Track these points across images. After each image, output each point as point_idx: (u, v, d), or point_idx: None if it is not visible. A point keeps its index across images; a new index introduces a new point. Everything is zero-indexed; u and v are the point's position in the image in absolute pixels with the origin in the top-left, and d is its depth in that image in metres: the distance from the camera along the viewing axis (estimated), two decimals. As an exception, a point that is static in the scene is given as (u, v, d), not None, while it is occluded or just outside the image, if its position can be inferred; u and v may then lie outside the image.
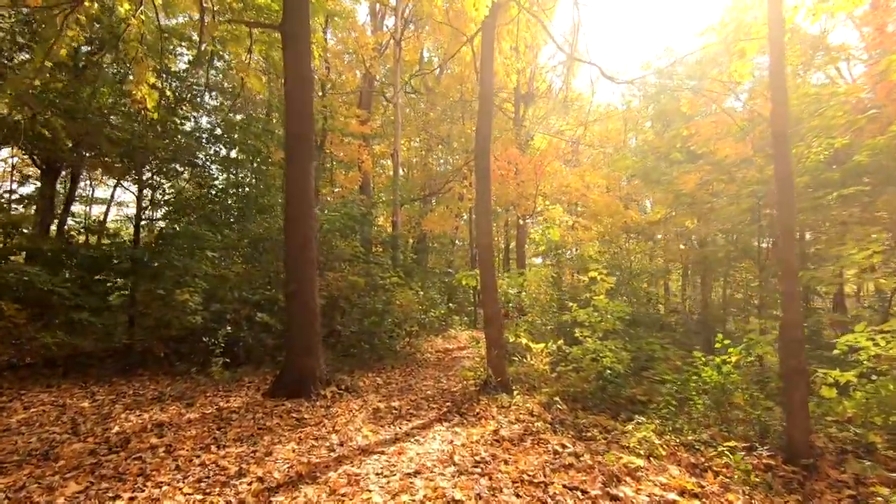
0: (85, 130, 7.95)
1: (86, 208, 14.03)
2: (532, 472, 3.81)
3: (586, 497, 3.42)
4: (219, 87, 11.56)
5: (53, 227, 10.18)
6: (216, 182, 10.76)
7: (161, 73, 8.48)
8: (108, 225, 12.06)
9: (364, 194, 15.37)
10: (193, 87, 9.89)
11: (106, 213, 13.83)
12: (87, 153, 8.92)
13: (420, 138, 21.63)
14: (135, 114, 8.41)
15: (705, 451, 4.49)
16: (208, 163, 10.28)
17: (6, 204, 9.19)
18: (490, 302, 7.41)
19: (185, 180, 10.34)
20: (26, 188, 9.77)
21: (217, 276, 8.91)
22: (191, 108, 10.04)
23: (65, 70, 8.68)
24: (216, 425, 4.89)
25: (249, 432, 4.69)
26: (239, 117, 11.88)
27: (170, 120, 9.07)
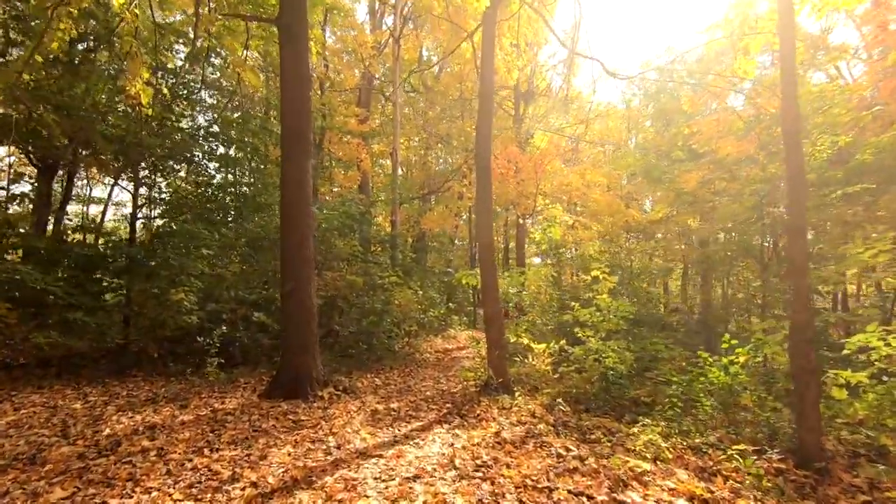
0: (79, 126, 7.82)
1: (83, 208, 13.85)
2: (536, 476, 3.68)
3: (592, 503, 3.30)
4: (216, 85, 11.41)
5: (51, 227, 10.02)
6: (213, 180, 10.63)
7: (157, 69, 8.34)
8: (106, 225, 11.90)
9: (363, 193, 15.25)
10: (190, 83, 9.75)
11: (103, 212, 13.64)
12: (82, 150, 8.79)
13: (419, 137, 21.51)
14: (130, 110, 8.28)
15: (713, 454, 4.36)
16: (205, 160, 10.14)
17: (2, 202, 9.06)
18: (491, 301, 7.29)
19: (181, 178, 10.21)
20: (20, 186, 9.59)
21: (214, 276, 8.80)
22: (187, 106, 9.91)
23: (59, 66, 8.55)
24: (210, 427, 4.77)
25: (244, 435, 4.56)
26: (236, 115, 11.74)
27: (166, 117, 8.95)
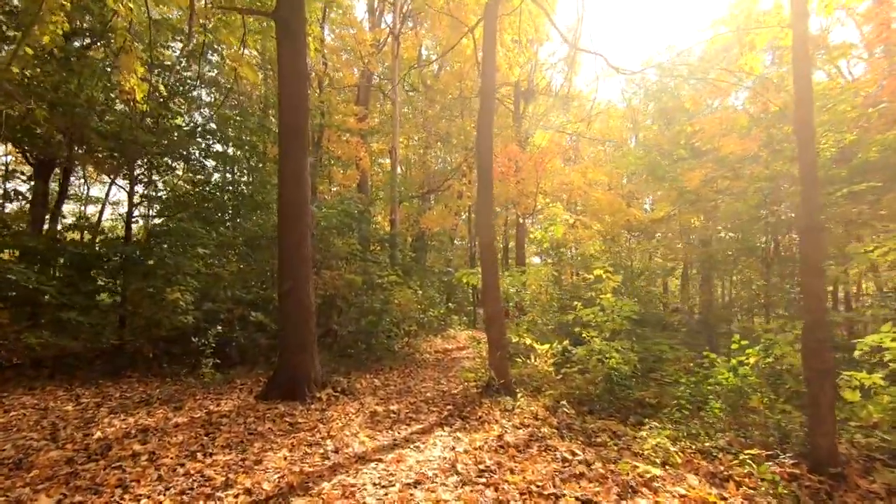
0: (72, 122, 7.67)
1: (80, 207, 13.69)
2: (541, 482, 3.55)
3: (601, 510, 3.17)
4: (213, 83, 11.25)
5: (47, 226, 9.85)
6: (211, 178, 10.48)
7: (153, 66, 8.18)
8: (103, 224, 11.73)
9: (362, 192, 15.09)
10: (187, 80, 9.60)
11: (101, 211, 13.49)
12: (77, 148, 8.63)
13: (419, 135, 21.36)
14: (126, 107, 8.13)
15: (724, 458, 4.23)
16: (202, 158, 9.99)
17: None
18: (492, 301, 7.15)
19: (178, 176, 10.05)
20: (14, 185, 9.44)
21: (211, 275, 8.64)
22: (184, 103, 9.76)
23: (53, 62, 8.40)
24: (204, 430, 4.63)
25: (239, 438, 4.43)
26: (234, 112, 11.58)
27: (162, 114, 8.79)
